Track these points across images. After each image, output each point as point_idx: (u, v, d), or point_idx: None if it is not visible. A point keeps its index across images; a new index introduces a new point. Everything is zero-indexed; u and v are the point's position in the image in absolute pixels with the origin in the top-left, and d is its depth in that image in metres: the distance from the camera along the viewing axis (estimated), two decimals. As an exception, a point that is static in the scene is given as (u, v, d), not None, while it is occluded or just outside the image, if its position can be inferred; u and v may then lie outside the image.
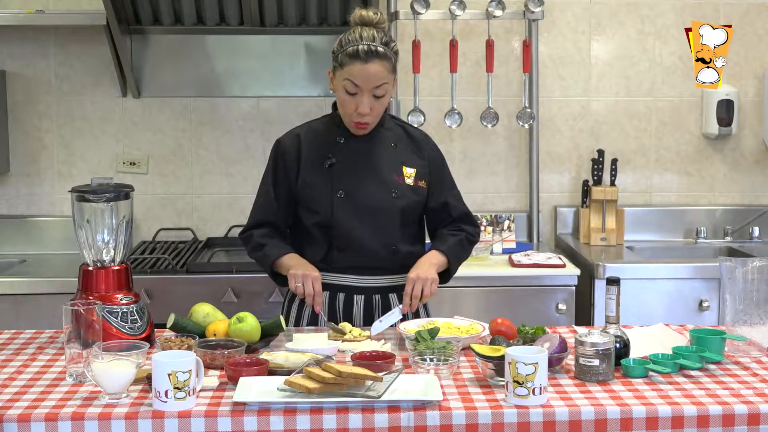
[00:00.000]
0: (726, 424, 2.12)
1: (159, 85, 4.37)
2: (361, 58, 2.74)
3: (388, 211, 2.89)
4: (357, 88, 2.76)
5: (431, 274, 2.82)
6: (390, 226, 2.90)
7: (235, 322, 2.58)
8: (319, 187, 2.88)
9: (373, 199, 2.88)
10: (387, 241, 2.90)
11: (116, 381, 2.16)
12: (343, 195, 2.87)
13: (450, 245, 2.93)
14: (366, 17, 2.80)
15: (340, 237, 2.88)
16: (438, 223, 3.01)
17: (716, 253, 4.35)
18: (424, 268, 2.84)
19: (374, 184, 2.89)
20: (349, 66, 2.76)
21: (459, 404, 2.14)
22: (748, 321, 2.56)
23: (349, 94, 2.79)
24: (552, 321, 3.74)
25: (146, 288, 3.72)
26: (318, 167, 2.89)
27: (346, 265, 2.90)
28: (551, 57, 4.47)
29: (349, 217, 2.86)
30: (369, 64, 2.74)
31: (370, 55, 2.74)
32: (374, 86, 2.77)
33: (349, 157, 2.90)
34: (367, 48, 2.74)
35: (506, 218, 4.37)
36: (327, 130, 2.94)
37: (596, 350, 2.30)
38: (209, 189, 4.46)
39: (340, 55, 2.78)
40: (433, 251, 2.92)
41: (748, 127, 4.52)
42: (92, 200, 2.61)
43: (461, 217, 3.00)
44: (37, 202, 4.41)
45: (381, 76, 2.77)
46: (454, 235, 2.97)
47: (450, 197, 2.99)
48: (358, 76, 2.75)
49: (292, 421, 2.08)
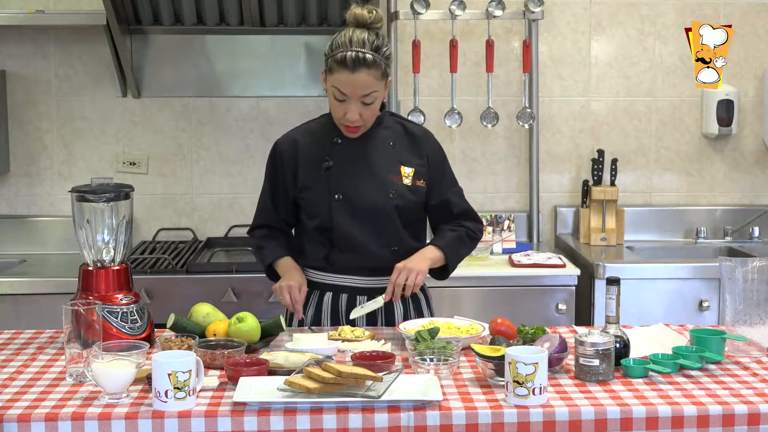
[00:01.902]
0: (726, 424, 2.12)
1: (159, 85, 4.37)
2: (348, 67, 2.70)
3: (386, 213, 2.86)
4: (344, 95, 2.74)
5: (419, 266, 2.79)
6: (389, 227, 2.88)
7: (235, 322, 2.58)
8: (316, 190, 2.86)
9: (370, 201, 2.85)
10: (387, 242, 2.88)
11: (116, 381, 2.16)
12: (341, 198, 2.85)
13: (447, 241, 2.90)
14: (360, 16, 2.76)
15: (340, 239, 2.86)
16: (439, 220, 2.98)
17: (716, 253, 4.34)
18: (415, 260, 2.82)
19: (372, 185, 2.86)
20: (336, 73, 2.73)
21: (459, 404, 2.14)
22: (748, 321, 2.56)
23: (337, 100, 2.76)
24: (552, 321, 3.74)
25: (146, 288, 3.72)
26: (315, 170, 2.87)
27: (347, 266, 2.88)
28: (551, 57, 4.47)
29: (348, 220, 2.84)
30: (356, 73, 2.70)
31: (357, 63, 2.70)
32: (362, 95, 2.74)
33: (345, 158, 2.87)
34: (355, 56, 2.70)
35: (506, 218, 4.36)
36: (323, 130, 2.92)
37: (596, 350, 2.30)
38: (209, 189, 4.46)
39: (329, 59, 2.75)
40: (429, 246, 2.89)
41: (748, 127, 4.52)
42: (92, 200, 2.61)
43: (462, 213, 2.96)
44: (37, 202, 4.41)
45: (368, 85, 2.73)
46: (453, 231, 2.93)
47: (451, 194, 2.95)
48: (345, 85, 2.72)
49: (292, 421, 2.08)
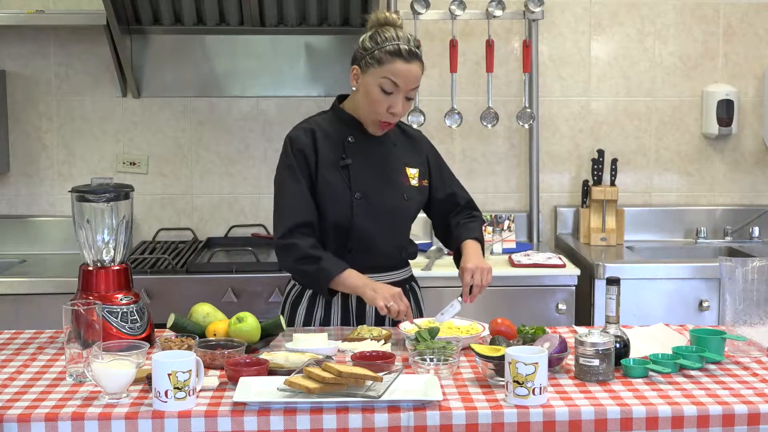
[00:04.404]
0: (726, 424, 2.12)
1: (159, 85, 4.37)
2: (404, 57, 2.71)
3: (402, 214, 2.89)
4: (396, 87, 2.72)
5: (486, 264, 2.80)
6: (403, 227, 2.92)
7: (235, 322, 2.58)
8: (337, 186, 2.81)
9: (389, 201, 2.86)
10: (399, 242, 2.92)
11: (116, 381, 2.16)
12: (361, 197, 2.82)
13: (478, 233, 2.93)
14: (390, 19, 2.77)
15: (357, 239, 2.83)
16: (447, 213, 3.00)
17: (716, 253, 4.34)
18: (477, 258, 2.82)
19: (388, 186, 2.87)
20: (389, 64, 2.71)
21: (459, 404, 2.14)
22: (748, 321, 2.57)
23: (384, 92, 2.73)
24: (552, 321, 3.74)
25: (146, 288, 3.72)
26: (334, 166, 2.82)
27: (359, 265, 2.82)
28: (551, 57, 4.47)
29: (368, 220, 2.82)
30: (411, 64, 2.72)
31: (411, 55, 2.72)
32: (412, 87, 2.74)
33: (361, 157, 2.85)
34: (409, 48, 2.72)
35: (506, 218, 4.36)
36: (334, 127, 2.87)
37: (596, 350, 2.30)
38: (209, 189, 4.46)
39: (377, 51, 2.72)
40: (470, 241, 2.89)
41: (748, 127, 4.52)
42: (92, 200, 2.61)
43: (468, 204, 3.03)
44: (37, 202, 4.41)
45: (418, 78, 2.76)
46: (474, 221, 2.98)
47: (455, 187, 3.03)
48: (399, 75, 2.71)
49: (292, 421, 2.08)
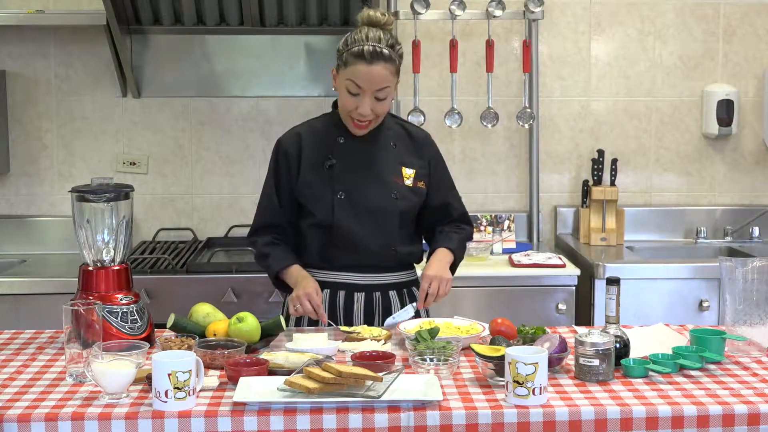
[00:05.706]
0: (726, 424, 2.12)
1: (159, 85, 4.37)
2: (365, 59, 2.73)
3: (387, 213, 2.88)
4: (359, 89, 2.75)
5: (447, 274, 2.86)
6: (389, 227, 2.90)
7: (235, 322, 2.58)
8: (318, 187, 2.87)
9: (373, 200, 2.87)
10: (387, 242, 2.90)
11: (116, 381, 2.16)
12: (343, 196, 2.86)
13: (455, 244, 2.95)
14: (373, 18, 2.79)
15: (340, 237, 2.87)
16: (437, 222, 3.01)
17: (716, 253, 4.34)
18: (440, 266, 2.86)
19: (374, 185, 2.88)
20: (352, 66, 2.74)
21: (459, 404, 2.14)
22: (748, 321, 2.56)
23: (351, 94, 2.77)
24: (552, 321, 3.74)
25: (146, 288, 3.72)
26: (318, 168, 2.88)
27: (345, 264, 2.90)
28: (551, 57, 4.46)
29: (349, 219, 2.85)
30: (373, 65, 2.73)
31: (374, 56, 2.73)
32: (376, 88, 2.75)
33: (349, 157, 2.89)
34: (372, 49, 2.73)
35: (506, 218, 4.36)
36: (327, 129, 2.93)
37: (596, 350, 2.30)
38: (209, 189, 4.46)
39: (344, 54, 2.76)
40: (442, 249, 2.92)
41: (748, 127, 4.51)
42: (92, 200, 2.61)
43: (461, 217, 3.03)
44: (37, 202, 4.41)
45: (384, 79, 2.75)
46: (458, 233, 2.99)
47: (451, 198, 3.01)
48: (361, 77, 2.74)
49: (292, 421, 2.08)
